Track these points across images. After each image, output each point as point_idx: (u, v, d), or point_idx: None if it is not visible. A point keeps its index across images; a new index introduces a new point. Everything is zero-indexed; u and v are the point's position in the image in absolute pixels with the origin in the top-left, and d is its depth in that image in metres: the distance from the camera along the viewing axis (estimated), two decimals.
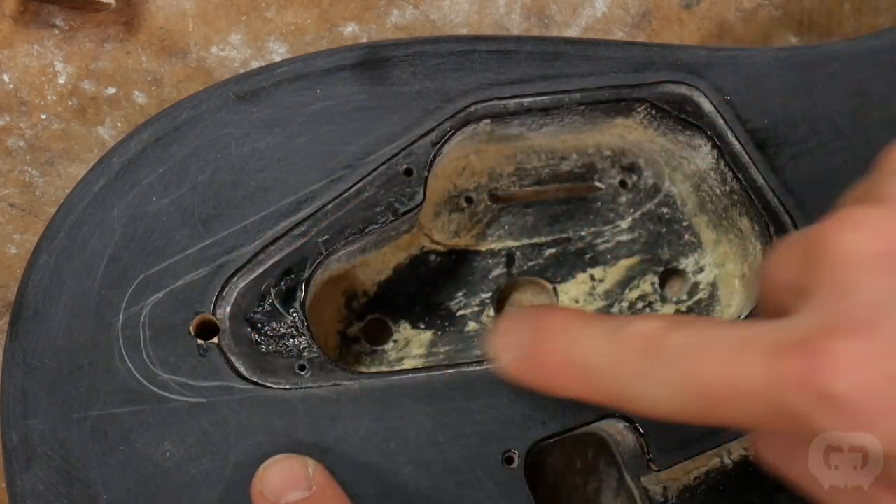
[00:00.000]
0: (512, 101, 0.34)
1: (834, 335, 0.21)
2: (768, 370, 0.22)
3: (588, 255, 0.38)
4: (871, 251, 0.22)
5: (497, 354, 0.29)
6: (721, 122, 0.35)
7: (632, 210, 0.38)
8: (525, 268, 0.38)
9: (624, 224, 0.38)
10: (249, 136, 0.33)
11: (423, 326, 0.37)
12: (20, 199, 0.37)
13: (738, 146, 0.35)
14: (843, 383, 0.21)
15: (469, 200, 0.38)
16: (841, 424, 0.21)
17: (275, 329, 0.32)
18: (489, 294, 0.37)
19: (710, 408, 0.23)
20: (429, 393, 0.32)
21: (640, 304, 0.38)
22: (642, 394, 0.24)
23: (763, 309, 0.27)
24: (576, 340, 0.26)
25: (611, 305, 0.38)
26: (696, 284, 0.38)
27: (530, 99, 0.34)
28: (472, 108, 0.34)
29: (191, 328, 0.32)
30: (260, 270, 0.32)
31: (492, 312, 0.37)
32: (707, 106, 0.35)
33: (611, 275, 0.38)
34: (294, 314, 0.32)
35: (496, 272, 0.37)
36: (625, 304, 0.38)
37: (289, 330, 0.32)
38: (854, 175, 0.35)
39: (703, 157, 0.36)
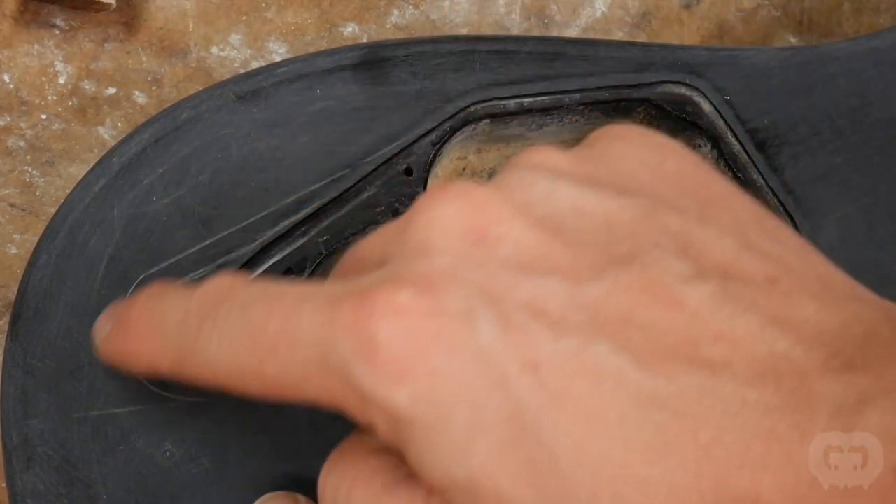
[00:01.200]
0: (512, 101, 0.34)
1: (395, 284, 0.21)
2: (323, 315, 0.21)
3: None
4: (462, 223, 0.22)
5: (95, 337, 0.28)
6: (721, 122, 0.35)
7: None
8: None
9: None
10: (249, 136, 0.33)
11: None
12: (20, 199, 0.38)
13: (737, 146, 0.35)
14: (386, 329, 0.20)
15: None
16: (375, 378, 0.20)
17: None
18: None
19: (263, 361, 0.22)
20: None
21: None
22: (202, 348, 0.24)
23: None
24: (160, 299, 0.26)
25: None
26: None
27: (530, 99, 0.35)
28: (472, 108, 0.34)
29: None
30: (260, 270, 0.32)
31: None
32: (707, 106, 0.35)
33: None
34: None
35: None
36: None
37: None
38: (854, 175, 0.35)
39: (703, 156, 0.36)
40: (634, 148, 0.25)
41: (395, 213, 0.33)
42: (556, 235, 0.22)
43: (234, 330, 0.23)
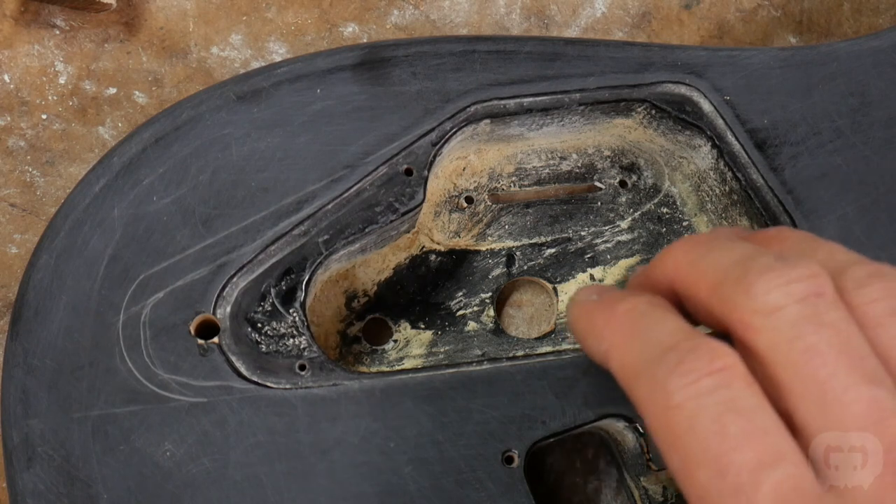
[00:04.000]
0: (512, 101, 0.34)
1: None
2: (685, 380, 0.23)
3: (588, 255, 0.38)
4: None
5: (577, 295, 0.29)
6: (721, 122, 0.35)
7: (632, 210, 0.38)
8: (525, 268, 0.38)
9: (624, 224, 0.38)
10: (250, 136, 0.33)
11: (423, 326, 0.37)
12: (21, 199, 0.38)
13: (737, 146, 0.35)
14: None
15: (469, 200, 0.38)
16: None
17: (275, 329, 0.32)
18: (489, 294, 0.37)
19: (709, 455, 0.23)
20: (429, 393, 0.32)
21: None
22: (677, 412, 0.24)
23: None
24: (646, 318, 0.26)
25: None
26: None
27: (530, 99, 0.35)
28: (472, 108, 0.34)
29: (191, 328, 0.32)
30: (260, 270, 0.32)
31: (492, 312, 0.37)
32: (707, 106, 0.35)
33: (611, 275, 0.38)
34: (294, 314, 0.32)
35: (496, 272, 0.37)
36: None
37: (289, 330, 0.32)
38: (854, 175, 0.35)
39: (702, 157, 0.36)
40: None
41: (395, 213, 0.33)
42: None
43: (707, 415, 0.23)
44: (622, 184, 0.38)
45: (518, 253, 0.38)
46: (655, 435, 0.24)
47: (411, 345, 0.36)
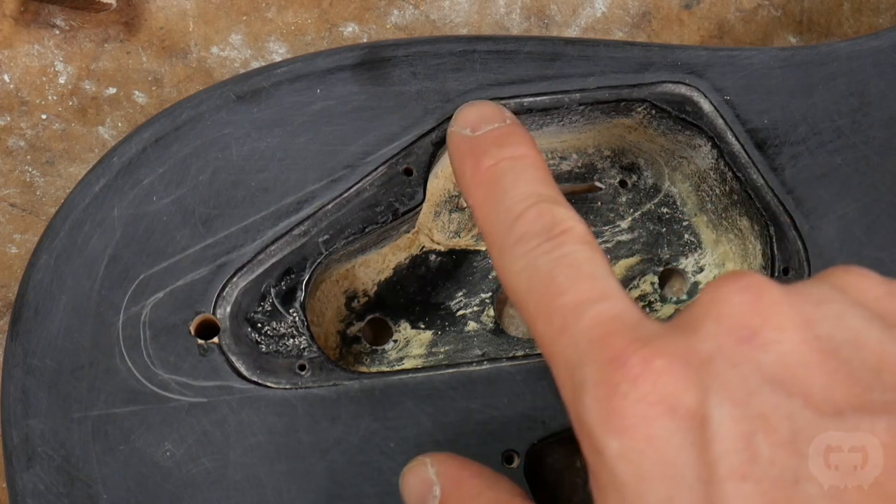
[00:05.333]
0: (512, 101, 0.34)
1: (657, 349, 0.22)
2: (597, 331, 0.23)
3: None
4: (739, 317, 0.23)
5: (454, 121, 0.30)
6: (721, 122, 0.35)
7: (632, 210, 0.38)
8: None
9: (624, 224, 0.38)
10: (249, 136, 0.33)
11: (423, 326, 0.37)
12: (21, 199, 0.38)
13: (737, 146, 0.35)
14: (628, 385, 0.22)
15: None
16: (599, 416, 0.22)
17: (275, 329, 0.32)
18: (489, 294, 0.37)
19: (538, 314, 0.24)
20: (429, 393, 0.32)
21: (639, 304, 0.38)
22: (511, 258, 0.26)
23: None
24: (510, 174, 0.28)
25: None
26: (695, 284, 0.38)
27: (530, 99, 0.35)
28: None
29: (191, 328, 0.32)
30: (260, 270, 0.32)
31: (492, 312, 0.37)
32: (707, 106, 0.35)
33: None
34: (294, 314, 0.32)
35: (496, 272, 0.37)
36: None
37: (289, 330, 0.32)
38: (854, 175, 0.35)
39: (702, 156, 0.36)
40: None
41: (395, 213, 0.33)
42: (823, 360, 0.22)
43: (540, 272, 0.25)
44: (622, 184, 0.38)
45: None
46: (511, 303, 0.26)
47: (411, 345, 0.36)
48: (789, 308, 0.23)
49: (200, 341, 0.32)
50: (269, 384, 0.32)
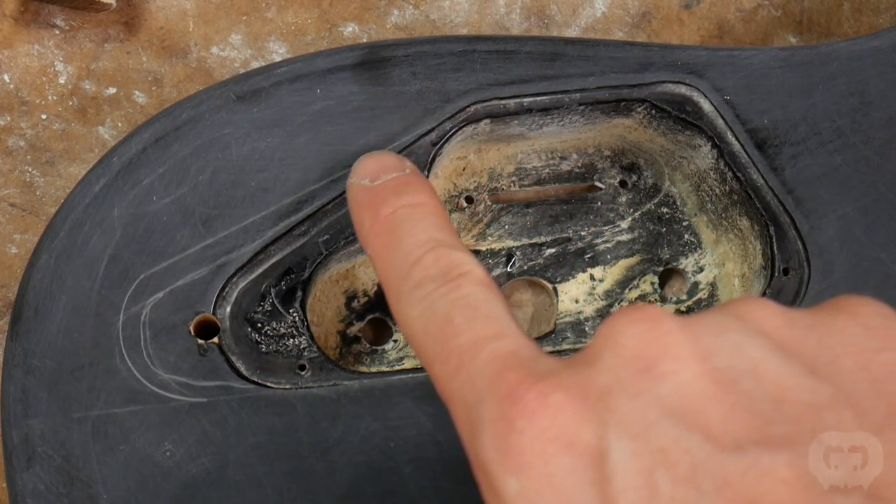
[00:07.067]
0: (512, 101, 0.34)
1: (554, 383, 0.22)
2: (493, 368, 0.23)
3: (588, 255, 0.38)
4: (637, 348, 0.22)
5: (352, 174, 0.30)
6: (721, 121, 0.35)
7: (632, 210, 0.38)
8: (525, 268, 0.38)
9: (624, 224, 0.38)
10: (249, 136, 0.33)
11: None
12: (21, 198, 0.38)
13: (737, 146, 0.35)
14: (526, 421, 0.21)
15: (469, 200, 0.38)
16: (496, 454, 0.22)
17: (275, 329, 0.32)
18: None
19: (437, 357, 0.24)
20: (429, 393, 0.32)
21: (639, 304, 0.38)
22: (408, 303, 0.25)
23: None
24: (409, 222, 0.27)
25: (611, 305, 0.38)
26: (695, 284, 0.38)
27: (530, 99, 0.35)
28: (472, 108, 0.34)
29: (191, 328, 0.32)
30: (260, 270, 0.32)
31: None
32: (707, 106, 0.35)
33: (611, 274, 0.38)
34: (294, 314, 0.32)
35: (496, 272, 0.37)
36: (625, 304, 0.38)
37: (289, 330, 0.32)
38: (854, 175, 0.35)
39: (702, 156, 0.36)
40: (858, 327, 0.23)
41: None
42: (722, 392, 0.21)
43: (437, 315, 0.24)
44: (622, 184, 0.38)
45: (518, 253, 0.38)
46: (412, 349, 0.25)
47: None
48: (687, 338, 0.22)
49: (200, 341, 0.32)
50: (269, 384, 0.32)
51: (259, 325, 0.32)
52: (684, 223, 0.38)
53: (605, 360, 0.22)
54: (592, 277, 0.38)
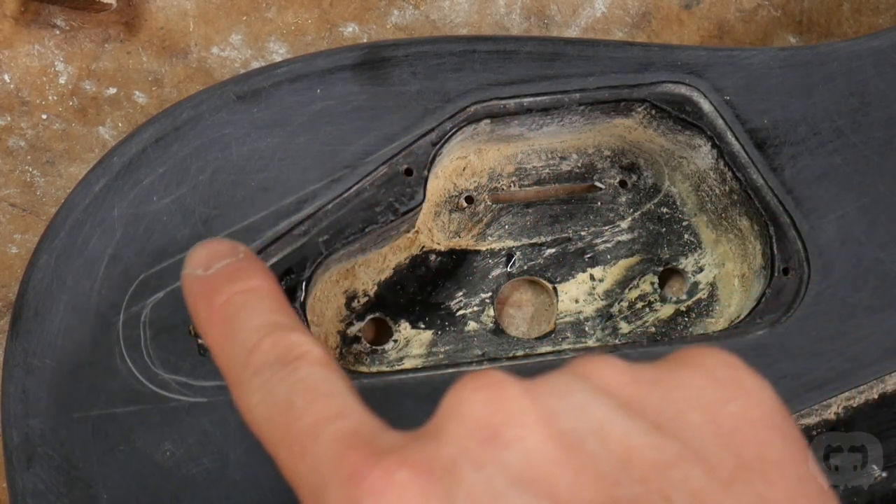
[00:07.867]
0: (512, 101, 0.34)
1: (399, 460, 0.21)
2: (335, 451, 0.22)
3: (588, 255, 0.38)
4: (481, 416, 0.22)
5: (186, 265, 0.28)
6: (720, 122, 0.35)
7: (632, 210, 0.38)
8: (525, 268, 0.38)
9: (624, 224, 0.38)
10: (249, 136, 0.33)
11: (423, 326, 0.37)
12: (21, 198, 0.38)
13: (737, 146, 0.35)
14: (372, 502, 0.21)
15: (469, 200, 0.38)
16: None
17: None
18: (489, 294, 0.37)
19: (280, 442, 0.23)
20: (429, 393, 0.32)
21: (639, 304, 0.38)
22: (248, 390, 0.25)
23: None
24: (244, 310, 0.26)
25: (610, 305, 0.38)
26: (695, 284, 0.38)
27: (530, 99, 0.35)
28: (472, 108, 0.34)
29: (191, 328, 0.32)
30: None
31: (492, 312, 0.37)
32: (707, 106, 0.35)
33: (610, 274, 0.38)
34: None
35: (496, 272, 0.37)
36: (624, 304, 0.38)
37: None
38: (854, 175, 0.35)
39: (702, 157, 0.36)
40: (704, 379, 0.23)
41: (395, 213, 0.33)
42: (568, 456, 0.21)
43: (277, 400, 0.24)
44: (622, 184, 0.38)
45: (518, 253, 0.38)
46: (258, 437, 0.24)
47: (411, 345, 0.36)
48: (531, 402, 0.22)
49: (200, 341, 0.32)
50: None
51: None
52: (684, 223, 0.38)
53: (449, 431, 0.22)
54: (592, 277, 0.38)
